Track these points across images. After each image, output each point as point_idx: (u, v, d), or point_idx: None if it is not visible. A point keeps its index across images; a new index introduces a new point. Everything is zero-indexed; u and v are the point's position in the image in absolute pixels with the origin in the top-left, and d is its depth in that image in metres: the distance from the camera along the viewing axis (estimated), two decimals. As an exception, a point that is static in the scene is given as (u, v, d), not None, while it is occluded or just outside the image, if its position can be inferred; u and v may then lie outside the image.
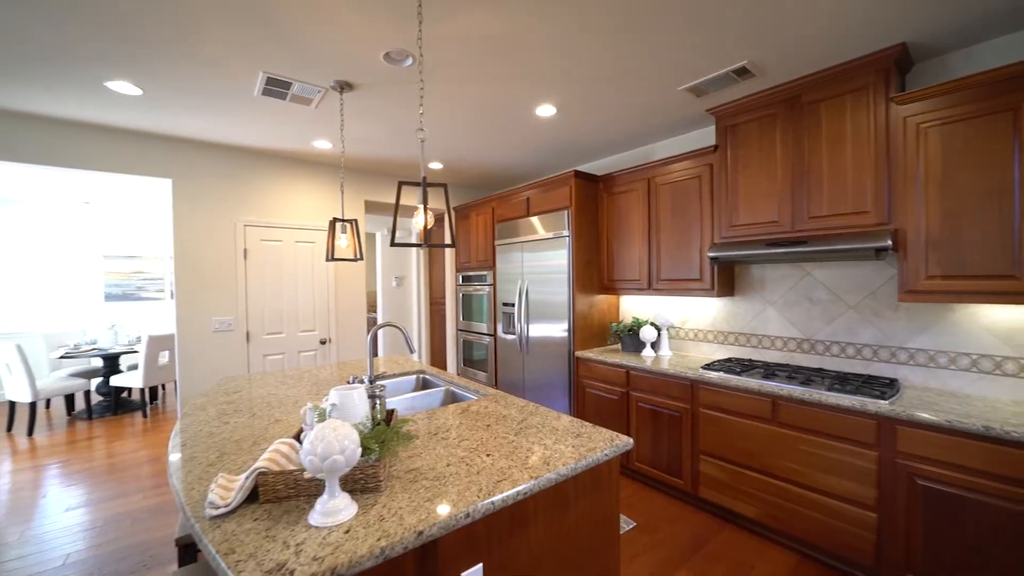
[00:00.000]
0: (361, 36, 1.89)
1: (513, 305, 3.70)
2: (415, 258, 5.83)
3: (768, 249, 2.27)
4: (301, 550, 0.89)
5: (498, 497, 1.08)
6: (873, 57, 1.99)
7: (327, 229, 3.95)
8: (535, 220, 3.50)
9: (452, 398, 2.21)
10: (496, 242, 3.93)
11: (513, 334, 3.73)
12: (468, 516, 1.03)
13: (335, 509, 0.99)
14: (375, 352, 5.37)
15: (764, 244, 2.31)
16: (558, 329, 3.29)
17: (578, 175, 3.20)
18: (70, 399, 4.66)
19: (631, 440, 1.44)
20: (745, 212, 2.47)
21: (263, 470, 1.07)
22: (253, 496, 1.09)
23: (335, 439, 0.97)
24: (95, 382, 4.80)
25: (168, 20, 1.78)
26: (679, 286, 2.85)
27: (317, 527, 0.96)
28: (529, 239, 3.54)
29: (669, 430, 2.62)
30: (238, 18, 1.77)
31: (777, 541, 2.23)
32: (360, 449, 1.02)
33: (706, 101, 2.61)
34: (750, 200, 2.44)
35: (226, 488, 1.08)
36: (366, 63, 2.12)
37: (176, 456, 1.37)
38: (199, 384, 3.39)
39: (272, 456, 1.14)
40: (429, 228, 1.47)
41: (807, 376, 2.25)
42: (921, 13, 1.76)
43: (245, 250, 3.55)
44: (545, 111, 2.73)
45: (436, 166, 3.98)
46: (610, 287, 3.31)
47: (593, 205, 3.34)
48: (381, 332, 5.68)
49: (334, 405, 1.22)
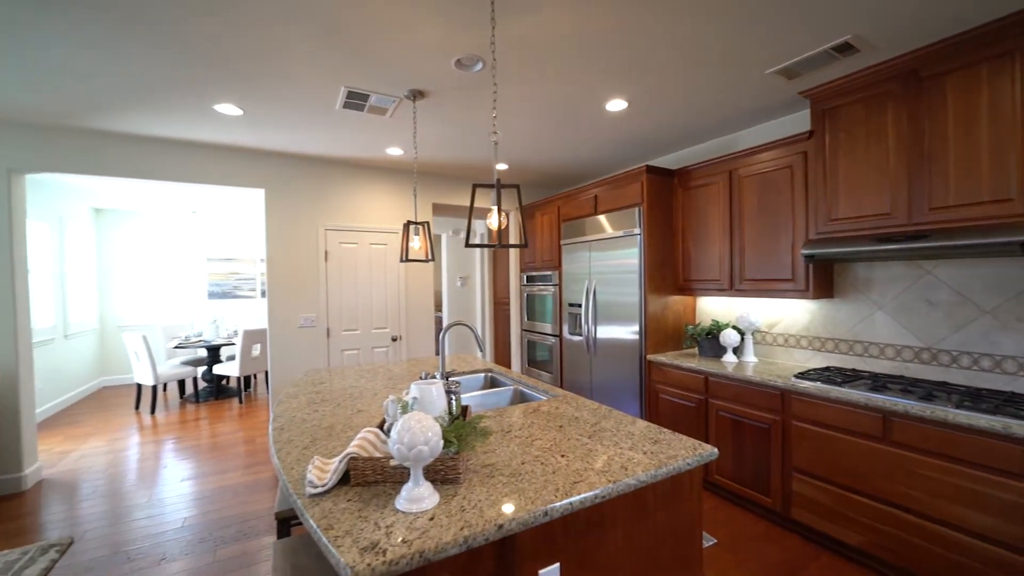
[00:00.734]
0: (434, 45, 1.99)
1: (579, 306, 3.67)
2: (479, 259, 6.00)
3: (879, 245, 2.03)
4: (391, 532, 0.96)
5: (576, 498, 1.09)
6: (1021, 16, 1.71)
7: (397, 231, 4.20)
8: (603, 218, 3.45)
9: (520, 397, 2.25)
10: (562, 242, 3.93)
11: (580, 335, 3.70)
12: (546, 515, 1.04)
13: (419, 497, 1.06)
14: (453, 349, 5.61)
15: (872, 240, 2.07)
16: (628, 331, 3.20)
17: (650, 170, 3.09)
18: (182, 384, 5.41)
19: (715, 450, 1.37)
20: (847, 204, 2.24)
21: (354, 455, 1.17)
22: (345, 478, 1.19)
23: (420, 430, 1.03)
24: (201, 370, 5.52)
25: (266, 48, 2.00)
26: (766, 287, 2.65)
27: (404, 512, 1.03)
28: (597, 238, 3.49)
29: (754, 443, 2.45)
30: (323, 39, 1.94)
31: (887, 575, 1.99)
32: (442, 441, 1.08)
33: (798, 83, 2.41)
34: (854, 191, 2.21)
35: (322, 470, 1.20)
36: (438, 71, 2.23)
37: (276, 439, 1.54)
38: (287, 374, 3.76)
39: (360, 443, 1.24)
40: (500, 228, 1.51)
41: (928, 391, 1.98)
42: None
43: (326, 252, 3.89)
44: (616, 105, 2.68)
45: (502, 167, 4.06)
46: (686, 287, 3.16)
47: (667, 201, 3.21)
48: (447, 331, 5.91)
49: (415, 398, 1.29)
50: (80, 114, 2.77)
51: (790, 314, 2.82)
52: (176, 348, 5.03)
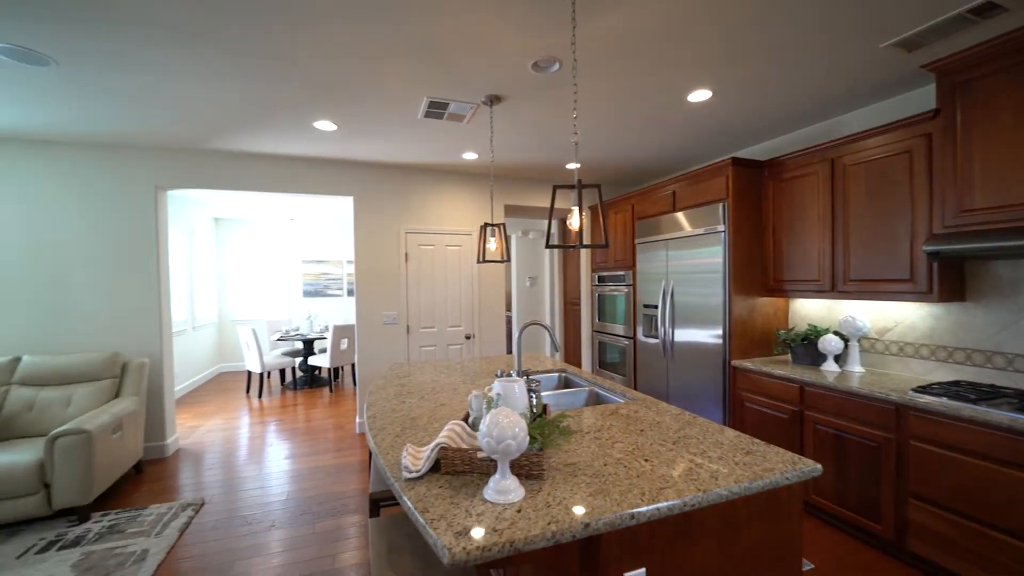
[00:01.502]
0: (512, 50, 2.04)
1: (655, 307, 3.55)
2: (547, 259, 6.02)
3: (1029, 239, 1.73)
4: (482, 520, 1.02)
5: (663, 504, 1.07)
6: None
7: (471, 233, 4.36)
8: (681, 216, 3.30)
9: (596, 399, 2.24)
10: (636, 240, 3.82)
11: (655, 338, 3.57)
12: (633, 518, 1.04)
13: (506, 489, 1.11)
14: (511, 350, 5.71)
15: (1021, 233, 1.77)
16: (710, 334, 3.04)
17: (736, 162, 2.90)
18: (282, 372, 6.08)
19: (819, 466, 1.26)
20: (985, 192, 1.92)
21: (444, 445, 1.25)
22: (435, 466, 1.28)
23: (508, 425, 1.08)
24: (298, 360, 6.16)
25: (360, 69, 2.19)
26: (876, 288, 2.37)
27: (492, 502, 1.09)
28: (675, 236, 3.35)
29: (861, 462, 2.20)
30: (410, 56, 2.08)
31: (1041, 634, 1.69)
32: (528, 438, 1.12)
33: (919, 56, 2.12)
34: (995, 177, 1.89)
35: (415, 457, 1.30)
36: (514, 75, 2.29)
37: (371, 426, 1.69)
38: (371, 367, 4.08)
39: (448, 434, 1.33)
40: (581, 229, 1.52)
41: (1099, 415, 1.65)
42: None
43: (406, 254, 4.15)
44: (699, 96, 2.55)
45: (574, 166, 4.05)
46: (777, 288, 2.92)
47: (754, 195, 2.99)
48: (516, 330, 6.01)
49: (499, 395, 1.35)
50: (208, 138, 3.24)
51: (906, 319, 2.49)
52: (278, 340, 5.68)
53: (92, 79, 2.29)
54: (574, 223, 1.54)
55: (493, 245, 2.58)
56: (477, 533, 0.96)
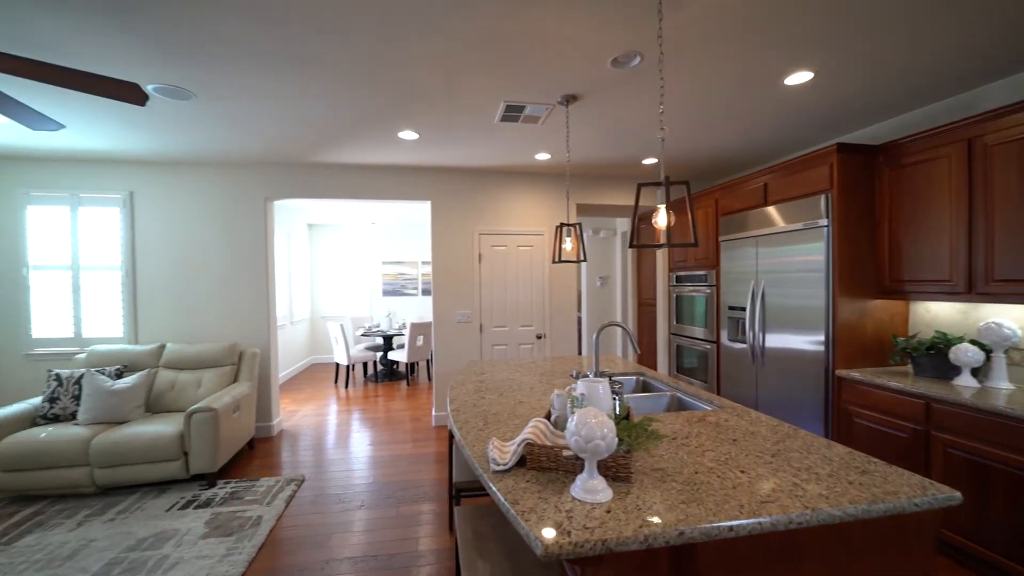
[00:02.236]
0: (591, 48, 2.03)
1: (743, 309, 3.31)
2: (619, 258, 5.87)
3: None
4: (571, 517, 1.03)
5: (765, 519, 1.01)
6: None
7: (542, 234, 4.39)
8: (773, 210, 3.04)
9: (678, 405, 2.15)
10: (720, 238, 3.59)
11: (742, 343, 3.34)
12: (731, 530, 0.99)
13: (594, 488, 1.11)
14: (582, 350, 5.66)
15: None
16: (808, 340, 2.77)
17: (843, 149, 2.62)
18: (365, 365, 6.59)
19: (957, 494, 1.10)
20: None
21: (530, 441, 1.29)
22: (520, 461, 1.32)
23: (596, 425, 1.09)
24: (378, 355, 6.63)
25: (442, 80, 2.31)
26: (1029, 290, 2.01)
27: (579, 500, 1.10)
28: (766, 232, 3.10)
29: (1010, 496, 1.88)
30: (490, 64, 2.15)
31: None
32: (616, 439, 1.11)
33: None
34: None
35: (501, 450, 1.35)
36: (592, 72, 2.27)
37: (455, 419, 1.78)
38: (447, 363, 4.27)
39: (533, 431, 1.36)
40: (669, 227, 1.47)
41: None
42: None
43: (480, 255, 4.29)
44: (797, 79, 2.34)
45: (651, 161, 3.92)
46: (894, 289, 2.59)
47: (865, 184, 2.67)
48: (586, 331, 5.94)
49: (582, 395, 1.36)
50: (307, 153, 3.61)
51: (1074, 328, 2.07)
52: (362, 336, 6.16)
53: (220, 108, 2.67)
54: (660, 221, 1.50)
55: (569, 245, 2.58)
56: (568, 528, 0.98)
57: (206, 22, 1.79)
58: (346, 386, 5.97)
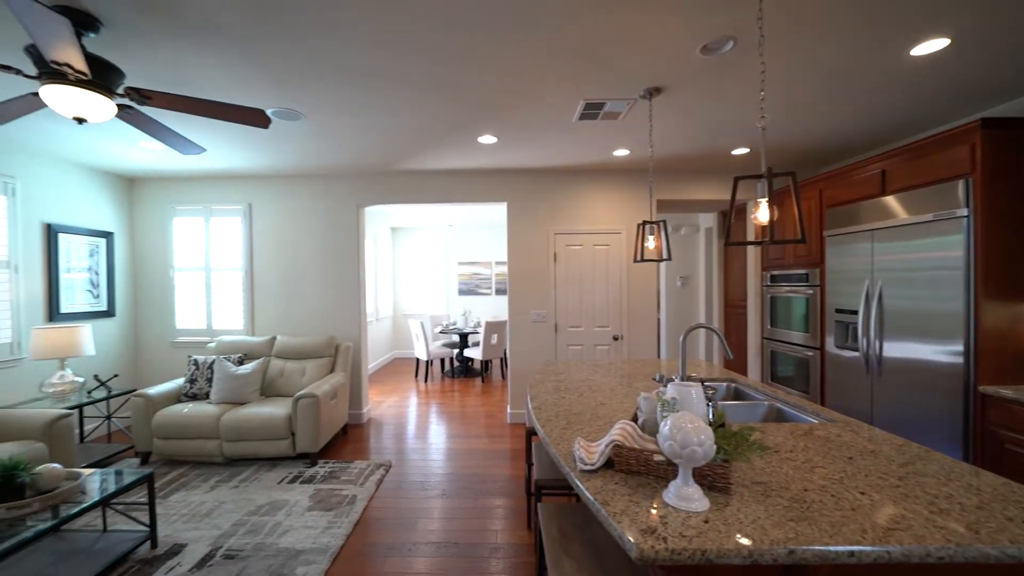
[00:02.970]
0: (678, 36, 1.94)
1: (854, 312, 2.96)
2: (703, 257, 5.54)
3: None
4: (665, 523, 1.01)
5: (895, 548, 0.90)
6: None
7: (619, 232, 4.28)
8: (892, 200, 2.68)
9: (777, 415, 1.98)
10: (825, 232, 3.24)
11: (853, 350, 2.98)
12: (852, 556, 0.90)
13: (689, 496, 1.07)
14: (661, 354, 5.42)
15: None
16: (940, 350, 2.40)
17: (989, 124, 2.23)
18: (442, 361, 6.90)
19: None
20: None
21: (618, 443, 1.27)
22: (607, 463, 1.31)
23: (693, 431, 1.05)
24: (455, 352, 6.92)
25: (522, 85, 2.35)
26: None
27: (673, 507, 1.07)
28: (884, 225, 2.74)
29: None
30: (570, 63, 2.14)
31: None
32: (715, 447, 1.06)
33: None
34: None
35: (588, 450, 1.35)
36: (678, 62, 2.17)
37: (537, 416, 1.81)
38: (522, 362, 4.34)
39: (620, 433, 1.34)
40: (771, 223, 1.37)
41: None
42: None
43: (555, 254, 4.30)
44: (928, 48, 2.04)
45: (741, 151, 3.65)
46: (1058, 292, 2.15)
47: (1016, 167, 2.25)
48: (665, 333, 5.69)
49: (674, 399, 1.31)
50: (394, 162, 3.88)
51: None
52: (440, 333, 6.48)
53: (323, 126, 2.97)
54: (761, 216, 1.40)
55: (652, 243, 2.49)
56: (664, 535, 0.96)
57: (314, 48, 2.01)
58: (425, 380, 6.31)
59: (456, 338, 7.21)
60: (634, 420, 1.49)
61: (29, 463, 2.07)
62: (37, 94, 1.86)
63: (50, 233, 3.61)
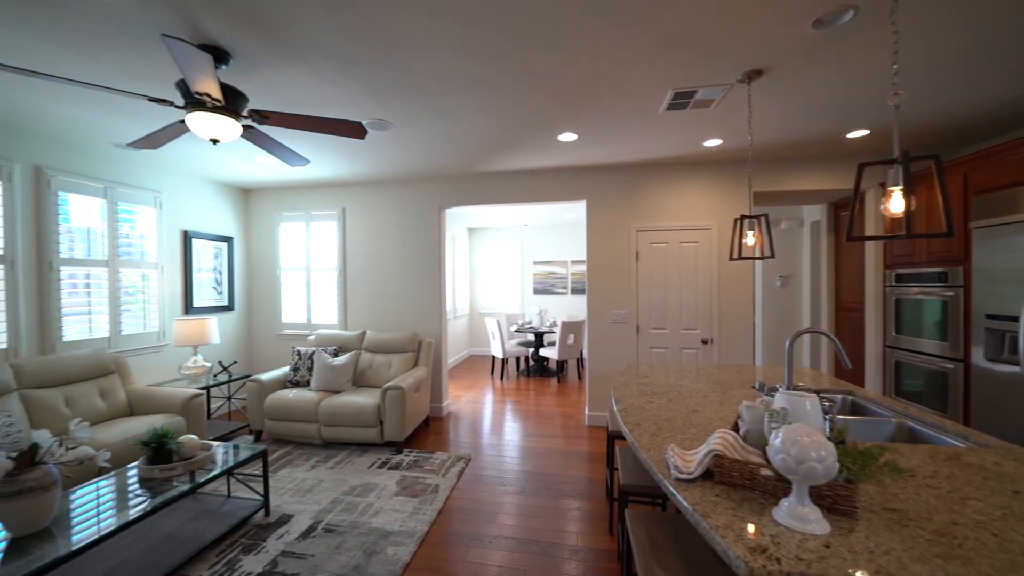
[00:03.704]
0: (787, 11, 1.78)
1: (1013, 319, 2.49)
2: (808, 253, 5.02)
3: None
4: (777, 543, 0.94)
5: (1087, 605, 0.75)
6: None
7: (710, 228, 4.03)
8: (1072, 181, 2.22)
9: (909, 435, 1.74)
10: (971, 224, 2.77)
11: (1011, 364, 2.52)
12: (1025, 607, 0.77)
13: (805, 517, 0.99)
14: (756, 360, 5.01)
15: None
16: None
17: None
18: (517, 360, 7.01)
19: None
20: None
21: (719, 453, 1.21)
22: (705, 473, 1.25)
23: (810, 445, 0.96)
24: (530, 351, 7.00)
25: (603, 78, 2.30)
26: None
27: (787, 527, 0.99)
28: (1056, 213, 2.28)
29: None
30: (656, 49, 2.06)
31: None
32: (837, 464, 0.97)
33: None
34: None
35: (683, 459, 1.30)
36: (784, 40, 1.99)
37: (625, 420, 1.77)
38: (601, 364, 4.27)
39: (721, 442, 1.27)
40: (908, 214, 1.20)
41: None
42: None
43: (637, 252, 4.17)
44: None
45: (858, 134, 3.24)
46: None
47: None
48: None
49: (784, 409, 1.22)
50: (473, 164, 4.02)
51: None
52: (515, 332, 6.59)
53: (411, 133, 3.17)
54: (893, 207, 1.24)
55: (751, 239, 2.31)
56: (777, 555, 0.89)
57: (406, 61, 2.15)
58: (501, 378, 6.46)
59: (531, 337, 7.28)
60: (734, 430, 1.40)
61: (174, 433, 2.48)
62: (183, 121, 2.21)
63: (186, 239, 4.27)
